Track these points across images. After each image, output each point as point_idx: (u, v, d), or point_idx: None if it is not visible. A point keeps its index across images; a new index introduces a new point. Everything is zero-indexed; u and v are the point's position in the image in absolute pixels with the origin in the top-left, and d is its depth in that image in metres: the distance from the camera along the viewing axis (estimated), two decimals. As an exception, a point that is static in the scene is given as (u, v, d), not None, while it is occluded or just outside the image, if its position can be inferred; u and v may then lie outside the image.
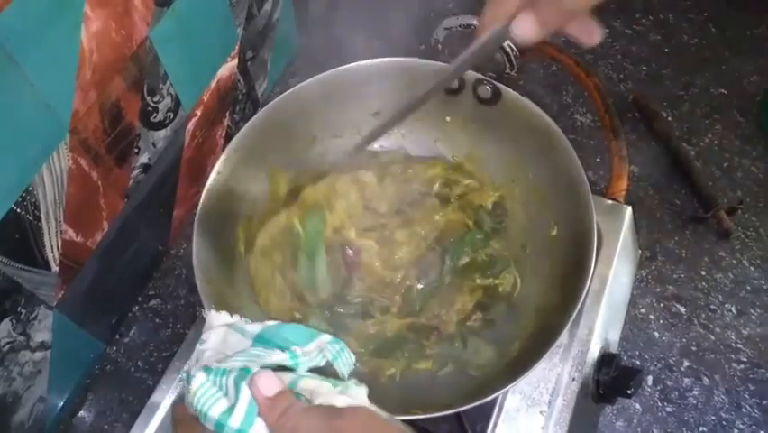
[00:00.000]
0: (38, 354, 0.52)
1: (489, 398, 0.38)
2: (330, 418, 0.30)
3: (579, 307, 0.41)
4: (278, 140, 0.51)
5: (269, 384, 0.31)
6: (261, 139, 0.49)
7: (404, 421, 0.41)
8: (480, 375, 0.44)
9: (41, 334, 0.52)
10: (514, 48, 0.47)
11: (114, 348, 0.62)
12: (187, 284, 0.66)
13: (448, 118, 0.53)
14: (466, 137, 0.53)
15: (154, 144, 0.58)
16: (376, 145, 0.53)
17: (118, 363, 0.62)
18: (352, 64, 0.50)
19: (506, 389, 0.39)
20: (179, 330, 0.63)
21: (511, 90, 0.49)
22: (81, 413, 0.59)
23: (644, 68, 0.79)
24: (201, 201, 0.45)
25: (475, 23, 0.45)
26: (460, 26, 0.46)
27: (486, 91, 0.49)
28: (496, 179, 0.52)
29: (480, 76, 0.49)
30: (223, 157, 0.47)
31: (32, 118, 0.44)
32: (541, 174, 0.48)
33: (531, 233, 0.49)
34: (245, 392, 0.31)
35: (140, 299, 0.65)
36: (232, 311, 0.44)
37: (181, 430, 0.32)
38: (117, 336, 0.63)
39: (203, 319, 0.56)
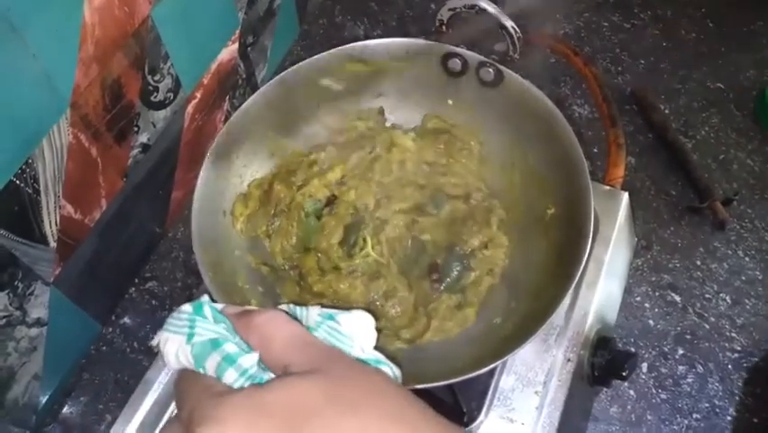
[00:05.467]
0: (34, 331, 0.52)
1: (480, 371, 0.38)
2: (307, 333, 0.29)
3: (573, 285, 0.41)
4: (279, 116, 0.51)
5: (232, 308, 0.30)
6: (262, 115, 0.49)
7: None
8: (471, 351, 0.44)
9: (38, 310, 0.52)
10: (517, 30, 0.47)
11: (110, 329, 0.62)
12: (184, 267, 0.66)
13: (450, 101, 0.53)
14: (468, 120, 0.53)
15: (154, 124, 0.58)
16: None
17: (114, 343, 0.62)
18: (355, 44, 0.50)
19: (495, 364, 0.39)
20: (176, 312, 0.63)
21: (513, 73, 0.49)
22: (76, 393, 0.59)
23: (642, 61, 0.80)
24: (201, 173, 0.45)
25: (480, 3, 0.46)
26: (464, 6, 0.46)
27: (488, 74, 0.49)
28: (496, 161, 0.52)
29: (482, 58, 0.49)
30: (224, 130, 0.47)
31: (34, 90, 0.44)
32: (541, 156, 0.49)
33: (527, 213, 0.49)
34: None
35: (136, 280, 0.65)
36: (228, 281, 0.44)
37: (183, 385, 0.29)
38: (113, 317, 0.63)
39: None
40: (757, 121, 0.74)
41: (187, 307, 0.30)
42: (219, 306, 0.31)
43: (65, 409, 0.58)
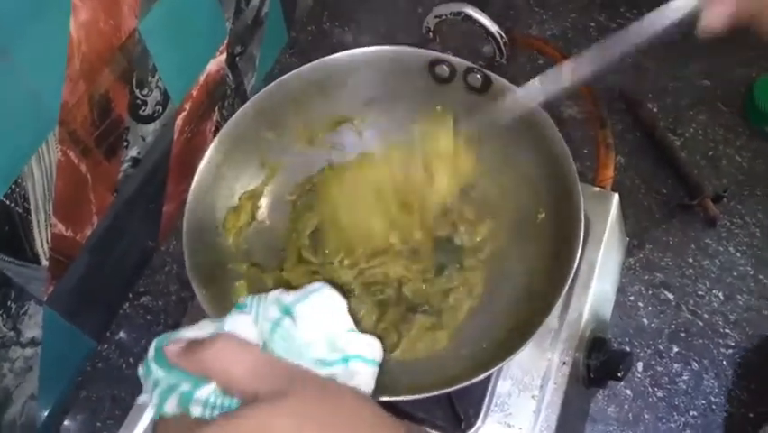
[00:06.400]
0: (28, 351, 0.52)
1: (475, 379, 0.38)
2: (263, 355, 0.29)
3: (566, 290, 0.41)
4: (269, 128, 0.51)
5: (176, 343, 0.29)
6: (252, 127, 0.50)
7: (392, 404, 0.41)
8: (466, 359, 0.44)
9: (32, 330, 0.51)
10: (503, 35, 0.47)
11: (106, 345, 0.62)
12: (178, 280, 0.66)
13: (438, 107, 0.53)
14: (457, 126, 0.53)
15: (143, 138, 0.58)
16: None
17: (110, 360, 0.62)
18: (342, 53, 0.50)
19: (491, 372, 0.40)
20: (171, 326, 0.63)
21: (501, 78, 0.49)
22: (73, 411, 0.59)
23: (629, 60, 0.80)
24: (192, 188, 0.45)
25: (466, 10, 0.46)
26: (450, 14, 0.47)
27: (476, 79, 0.50)
28: (485, 166, 0.52)
29: (470, 64, 0.49)
30: (214, 144, 0.47)
31: (21, 108, 0.44)
32: (529, 160, 0.49)
33: (518, 218, 0.50)
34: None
35: (130, 295, 0.65)
36: (222, 296, 0.44)
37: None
38: (108, 334, 0.63)
39: (193, 314, 0.57)
40: (745, 117, 0.74)
41: (140, 369, 0.30)
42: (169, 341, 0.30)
43: (63, 428, 0.58)
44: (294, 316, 0.28)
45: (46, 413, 0.57)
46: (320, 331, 0.28)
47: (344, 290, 0.47)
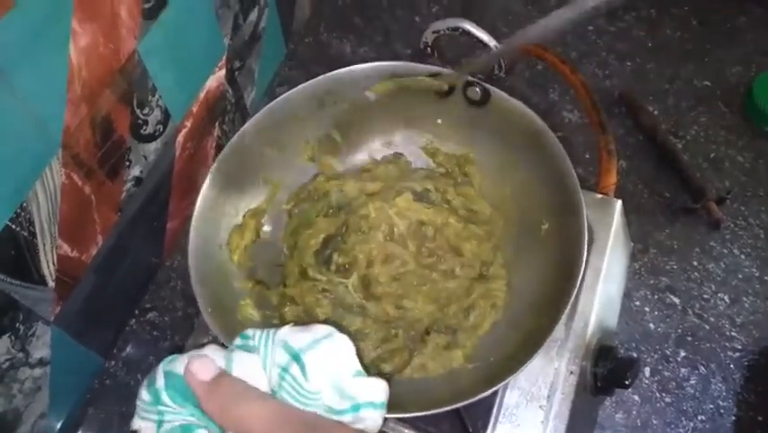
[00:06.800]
0: (37, 371, 0.52)
1: (484, 394, 0.39)
2: (282, 406, 0.28)
3: (572, 300, 0.42)
4: (270, 145, 0.51)
5: (205, 368, 0.28)
6: (254, 145, 0.50)
7: (401, 419, 0.41)
8: (475, 374, 0.44)
9: (40, 350, 0.52)
10: (502, 50, 0.47)
11: (113, 362, 0.62)
12: (183, 296, 0.66)
13: (439, 121, 0.53)
14: (457, 139, 0.53)
15: (145, 157, 0.58)
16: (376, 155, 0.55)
17: (117, 377, 0.62)
18: (342, 69, 0.50)
19: (499, 386, 0.40)
20: (177, 342, 0.63)
21: (500, 91, 0.49)
22: (83, 428, 0.59)
23: (629, 63, 0.80)
24: (196, 208, 0.46)
25: (464, 26, 0.46)
26: (448, 29, 0.47)
27: (475, 93, 0.50)
28: (487, 178, 0.52)
29: (469, 78, 0.49)
30: (216, 164, 0.47)
31: (24, 134, 0.44)
32: (531, 171, 0.49)
33: (522, 230, 0.50)
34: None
35: (136, 312, 0.65)
36: (228, 315, 0.45)
37: None
38: (115, 350, 0.63)
39: (200, 330, 0.57)
40: (746, 117, 0.74)
41: (145, 395, 0.30)
42: (180, 365, 0.29)
43: (73, 446, 0.58)
44: (303, 364, 0.28)
45: (56, 432, 0.57)
46: (328, 378, 0.28)
47: (353, 309, 0.47)
